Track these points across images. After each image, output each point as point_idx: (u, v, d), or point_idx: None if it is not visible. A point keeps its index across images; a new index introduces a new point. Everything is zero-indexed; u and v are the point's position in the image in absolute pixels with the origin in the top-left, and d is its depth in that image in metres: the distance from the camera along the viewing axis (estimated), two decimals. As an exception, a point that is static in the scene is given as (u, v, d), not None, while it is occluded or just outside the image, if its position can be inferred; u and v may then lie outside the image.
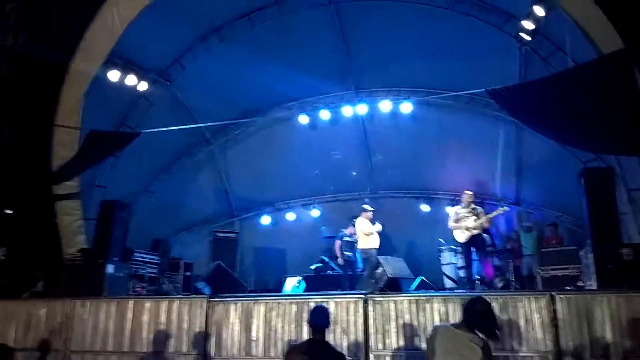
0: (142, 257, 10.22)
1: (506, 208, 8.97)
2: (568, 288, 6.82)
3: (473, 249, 8.49)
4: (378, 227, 9.45)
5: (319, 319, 4.05)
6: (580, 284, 7.28)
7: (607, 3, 6.89)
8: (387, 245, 12.00)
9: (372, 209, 9.68)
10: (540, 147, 10.57)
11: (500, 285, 8.27)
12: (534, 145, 10.80)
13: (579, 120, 7.05)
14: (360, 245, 9.51)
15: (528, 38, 9.01)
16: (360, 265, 10.19)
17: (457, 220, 8.54)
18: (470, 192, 8.80)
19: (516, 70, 9.98)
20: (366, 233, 9.37)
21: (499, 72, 9.87)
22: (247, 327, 6.39)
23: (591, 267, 6.22)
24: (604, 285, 5.84)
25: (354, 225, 10.59)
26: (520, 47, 9.58)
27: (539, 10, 8.26)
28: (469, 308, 3.66)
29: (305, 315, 6.26)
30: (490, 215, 8.53)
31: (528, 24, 8.68)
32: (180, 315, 6.69)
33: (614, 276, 5.98)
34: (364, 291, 6.84)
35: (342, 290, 8.69)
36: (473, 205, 8.65)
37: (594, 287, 6.16)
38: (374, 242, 9.33)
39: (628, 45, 6.60)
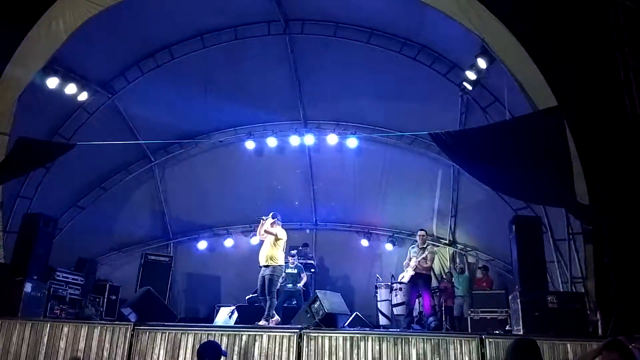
0: (65, 277, 9.52)
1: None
2: (497, 332, 7.02)
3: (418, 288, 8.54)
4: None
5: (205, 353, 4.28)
6: (508, 328, 7.51)
7: (544, 62, 7.35)
8: (325, 278, 11.87)
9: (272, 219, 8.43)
10: (476, 191, 10.97)
11: (432, 325, 8.38)
12: (471, 189, 11.19)
13: (511, 169, 7.37)
14: None
15: (470, 87, 9.47)
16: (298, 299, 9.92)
17: (410, 260, 8.66)
18: (423, 232, 8.93)
19: (457, 116, 10.43)
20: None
21: (441, 117, 10.32)
22: (173, 359, 6.07)
23: (518, 312, 6.44)
24: (530, 331, 6.03)
25: (293, 256, 10.42)
26: (463, 95, 10.07)
27: (482, 63, 8.72)
28: None
29: (237, 349, 6.05)
30: None
31: (471, 75, 9.12)
32: (101, 343, 6.25)
33: (540, 323, 6.22)
34: (299, 325, 6.71)
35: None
36: (427, 244, 8.78)
37: (521, 332, 6.37)
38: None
39: (560, 103, 7.06)
